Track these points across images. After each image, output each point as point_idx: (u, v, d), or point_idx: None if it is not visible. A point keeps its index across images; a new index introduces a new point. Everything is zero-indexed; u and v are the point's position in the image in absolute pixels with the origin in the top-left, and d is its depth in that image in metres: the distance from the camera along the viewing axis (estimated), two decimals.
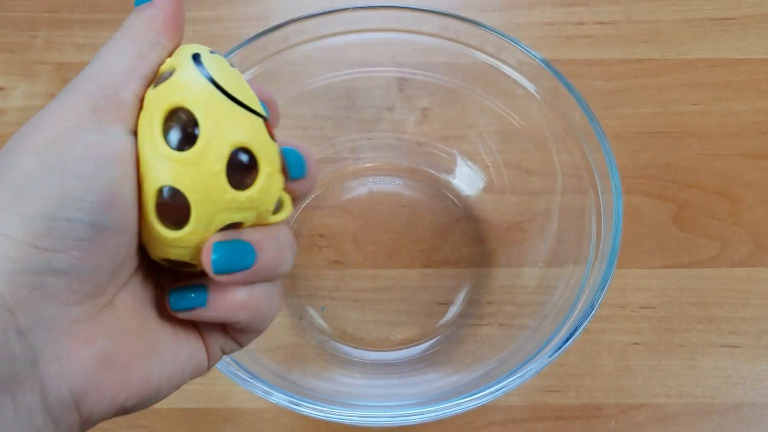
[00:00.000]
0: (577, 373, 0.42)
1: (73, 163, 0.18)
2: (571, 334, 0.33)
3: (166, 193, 0.19)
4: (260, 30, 0.40)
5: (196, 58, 0.21)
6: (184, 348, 0.22)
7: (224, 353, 0.24)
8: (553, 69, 0.39)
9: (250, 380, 0.32)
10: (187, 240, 0.20)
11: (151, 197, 0.20)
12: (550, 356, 0.32)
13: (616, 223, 0.35)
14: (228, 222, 0.21)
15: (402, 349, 0.43)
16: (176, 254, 0.21)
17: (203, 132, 0.19)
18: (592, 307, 0.33)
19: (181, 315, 0.21)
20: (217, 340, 0.23)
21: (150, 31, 0.21)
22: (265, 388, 0.32)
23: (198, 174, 0.19)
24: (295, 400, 0.32)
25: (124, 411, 0.20)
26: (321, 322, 0.44)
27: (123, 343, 0.20)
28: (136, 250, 0.20)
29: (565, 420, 0.41)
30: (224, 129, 0.20)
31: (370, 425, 0.35)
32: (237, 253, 0.20)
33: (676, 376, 0.43)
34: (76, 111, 0.19)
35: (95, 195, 0.18)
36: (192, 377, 0.22)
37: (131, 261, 0.20)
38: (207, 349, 0.23)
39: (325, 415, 0.32)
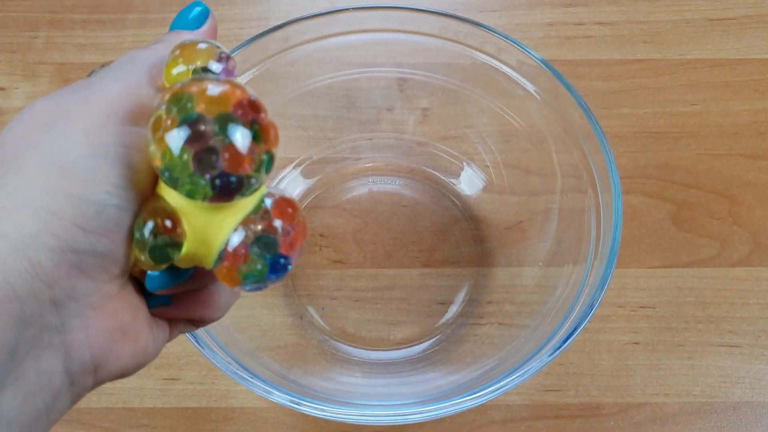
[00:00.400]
0: (577, 373, 0.43)
1: (121, 152, 0.19)
2: (571, 334, 0.33)
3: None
4: (261, 30, 0.40)
5: None
6: (163, 324, 0.24)
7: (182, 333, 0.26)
8: (553, 69, 0.39)
9: (251, 379, 0.32)
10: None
11: None
12: (549, 355, 0.32)
13: (615, 223, 0.35)
14: None
15: (402, 348, 0.43)
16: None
17: None
18: (591, 307, 0.33)
19: (151, 312, 0.23)
20: (179, 327, 0.25)
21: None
22: (265, 387, 0.32)
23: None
24: (295, 399, 0.32)
25: (122, 376, 0.22)
26: (321, 321, 0.44)
27: (135, 316, 0.21)
28: None
29: (565, 419, 0.42)
30: None
31: (370, 424, 0.35)
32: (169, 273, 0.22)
33: (675, 376, 0.43)
34: (119, 97, 0.20)
35: (137, 186, 0.19)
36: (158, 351, 0.24)
37: None
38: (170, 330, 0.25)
39: (326, 414, 0.32)
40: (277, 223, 0.19)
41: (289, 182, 0.48)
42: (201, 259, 0.20)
